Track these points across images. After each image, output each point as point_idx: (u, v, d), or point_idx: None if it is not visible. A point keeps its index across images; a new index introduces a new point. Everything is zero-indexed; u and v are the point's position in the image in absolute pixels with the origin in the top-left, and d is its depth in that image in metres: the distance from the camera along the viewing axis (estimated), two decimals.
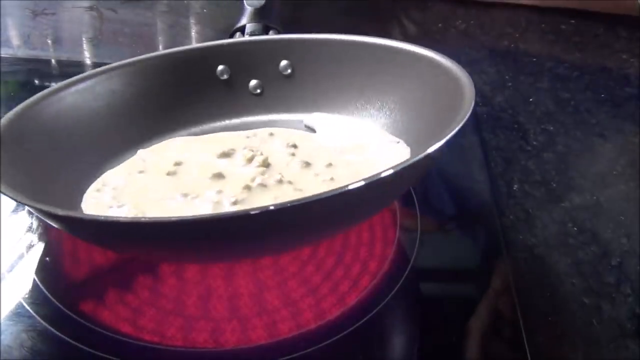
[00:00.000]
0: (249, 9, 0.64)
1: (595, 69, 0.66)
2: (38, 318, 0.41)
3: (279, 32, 0.62)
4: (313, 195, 0.33)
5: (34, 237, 0.47)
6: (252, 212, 0.33)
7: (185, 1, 0.85)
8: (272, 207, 0.33)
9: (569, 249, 0.47)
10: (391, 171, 0.35)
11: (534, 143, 0.56)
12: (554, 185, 0.52)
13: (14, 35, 0.79)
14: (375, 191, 0.37)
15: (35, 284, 0.43)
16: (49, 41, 0.78)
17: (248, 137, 0.53)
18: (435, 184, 0.52)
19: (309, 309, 0.41)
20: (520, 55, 0.68)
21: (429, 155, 0.37)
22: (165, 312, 0.42)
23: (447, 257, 0.47)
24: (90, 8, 0.83)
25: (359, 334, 0.40)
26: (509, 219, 0.49)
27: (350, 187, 0.34)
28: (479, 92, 0.62)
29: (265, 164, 0.48)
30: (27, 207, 0.39)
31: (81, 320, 0.41)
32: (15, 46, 0.76)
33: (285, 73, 0.57)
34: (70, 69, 0.73)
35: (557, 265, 0.46)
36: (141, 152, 0.52)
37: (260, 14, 0.63)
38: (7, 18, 0.81)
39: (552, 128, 0.58)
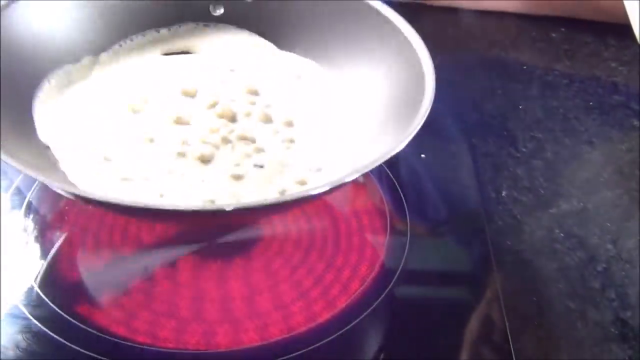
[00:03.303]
0: None
1: (585, 77, 0.67)
2: (33, 320, 0.41)
3: None
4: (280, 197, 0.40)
5: (30, 239, 0.48)
6: (227, 209, 0.36)
7: None
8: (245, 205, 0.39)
9: (556, 254, 0.48)
10: (356, 174, 0.38)
11: (523, 150, 0.57)
12: (542, 191, 0.53)
13: None
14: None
15: (31, 286, 0.44)
16: None
17: (211, 71, 0.53)
18: (425, 190, 0.53)
19: (300, 312, 0.42)
20: (510, 63, 0.69)
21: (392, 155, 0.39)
22: (158, 315, 0.42)
23: (436, 262, 0.47)
24: None
25: (349, 337, 0.41)
26: (497, 224, 0.50)
27: (313, 193, 0.38)
28: (469, 99, 0.62)
29: (227, 114, 0.48)
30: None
31: (76, 322, 0.41)
32: None
33: None
34: None
35: (543, 270, 0.47)
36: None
37: None
38: None
39: (541, 135, 0.58)
